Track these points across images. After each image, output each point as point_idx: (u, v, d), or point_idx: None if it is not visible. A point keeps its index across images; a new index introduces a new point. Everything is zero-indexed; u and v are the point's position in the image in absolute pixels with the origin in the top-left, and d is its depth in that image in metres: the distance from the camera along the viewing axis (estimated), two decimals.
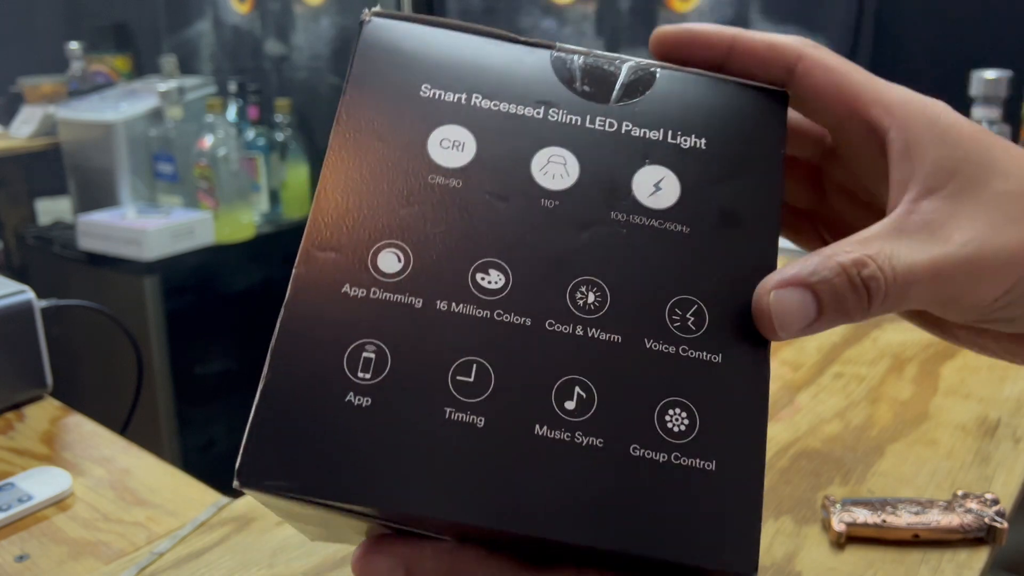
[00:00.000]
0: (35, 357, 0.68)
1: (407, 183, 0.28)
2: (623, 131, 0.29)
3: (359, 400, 0.26)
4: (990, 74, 1.08)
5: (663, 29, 0.30)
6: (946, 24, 1.27)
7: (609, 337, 0.27)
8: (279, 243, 2.03)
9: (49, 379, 0.69)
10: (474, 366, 0.26)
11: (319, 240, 0.27)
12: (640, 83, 0.30)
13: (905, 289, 0.25)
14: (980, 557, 0.48)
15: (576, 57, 0.30)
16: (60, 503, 0.55)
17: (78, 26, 2.55)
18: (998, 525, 0.48)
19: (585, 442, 0.26)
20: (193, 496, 0.56)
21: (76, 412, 0.68)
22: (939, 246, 0.25)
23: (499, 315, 0.27)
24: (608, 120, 0.29)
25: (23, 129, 2.20)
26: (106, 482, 0.58)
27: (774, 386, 0.69)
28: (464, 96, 0.29)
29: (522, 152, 0.28)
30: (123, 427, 0.76)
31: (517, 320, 0.27)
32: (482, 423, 0.25)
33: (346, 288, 0.27)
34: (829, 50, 0.29)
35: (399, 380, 0.26)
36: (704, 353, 0.27)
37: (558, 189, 0.28)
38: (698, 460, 0.26)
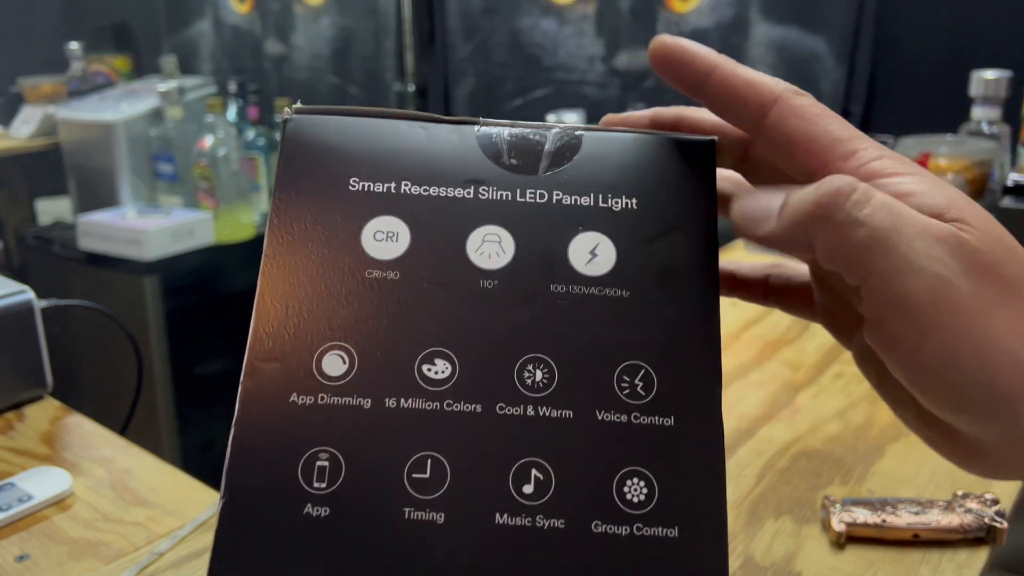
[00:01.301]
0: (35, 357, 0.68)
1: (345, 281, 0.28)
2: (554, 201, 0.29)
3: (317, 511, 0.25)
4: (990, 74, 1.08)
5: (662, 36, 0.29)
6: (946, 24, 1.27)
7: (560, 414, 0.27)
8: None
9: (49, 379, 0.69)
10: (429, 461, 0.26)
11: (261, 351, 0.27)
12: (566, 149, 0.29)
13: (877, 206, 0.24)
14: (980, 557, 0.48)
15: (501, 131, 0.30)
16: (60, 503, 0.55)
17: (78, 26, 2.55)
18: (998, 525, 0.48)
19: (547, 525, 0.25)
20: (193, 496, 0.56)
21: (76, 412, 0.68)
22: (922, 219, 0.24)
23: (448, 405, 0.26)
24: (539, 191, 0.29)
25: (23, 129, 2.20)
26: (106, 482, 0.58)
27: (774, 386, 0.69)
28: (393, 185, 0.29)
29: (456, 235, 0.28)
30: (123, 427, 0.76)
31: (467, 408, 0.27)
32: (442, 519, 0.25)
33: (293, 397, 0.27)
34: (812, 98, 0.27)
35: (355, 486, 0.26)
36: (656, 418, 0.27)
37: (495, 268, 0.28)
38: (660, 528, 0.26)
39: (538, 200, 0.29)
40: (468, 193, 0.29)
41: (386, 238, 0.28)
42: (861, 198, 0.24)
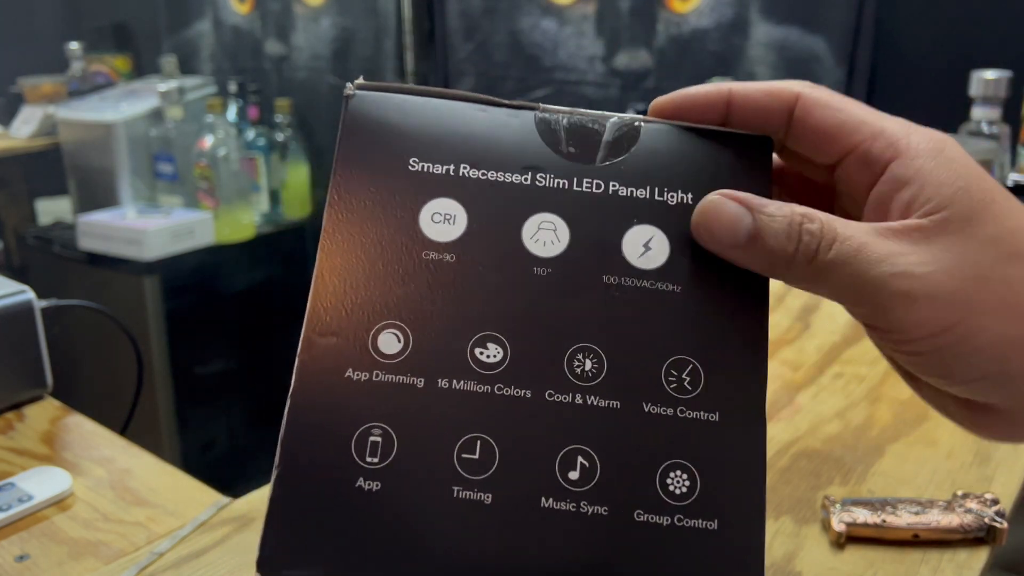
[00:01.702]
0: (35, 357, 0.68)
1: (402, 261, 0.28)
2: (610, 192, 0.29)
3: (369, 485, 0.26)
4: (990, 74, 1.08)
5: (660, 101, 0.30)
6: (946, 24, 1.27)
7: (608, 404, 0.27)
8: (279, 243, 2.03)
9: (49, 379, 0.69)
10: (478, 442, 0.27)
11: (319, 326, 0.28)
12: (624, 140, 0.30)
13: (832, 267, 0.25)
14: (980, 557, 0.48)
15: (560, 117, 0.30)
16: (60, 503, 0.55)
17: (78, 26, 2.55)
18: (998, 525, 0.48)
19: (591, 511, 0.26)
20: (193, 496, 0.56)
21: (76, 412, 0.68)
22: (895, 253, 0.25)
23: (499, 389, 0.27)
24: (595, 181, 0.29)
25: (23, 129, 2.20)
26: (106, 482, 0.58)
27: (774, 385, 0.69)
28: (452, 167, 0.29)
29: (512, 221, 0.29)
30: (123, 427, 0.76)
31: (517, 393, 0.27)
32: (489, 499, 0.26)
33: (349, 372, 0.27)
34: (827, 89, 0.29)
35: (406, 462, 0.26)
36: (702, 413, 0.27)
37: (550, 256, 0.28)
38: (700, 521, 0.26)
39: (594, 190, 0.29)
40: (526, 179, 0.29)
41: (443, 220, 0.28)
42: (823, 243, 0.26)
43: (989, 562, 0.48)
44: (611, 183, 0.29)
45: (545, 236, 0.29)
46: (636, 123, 0.30)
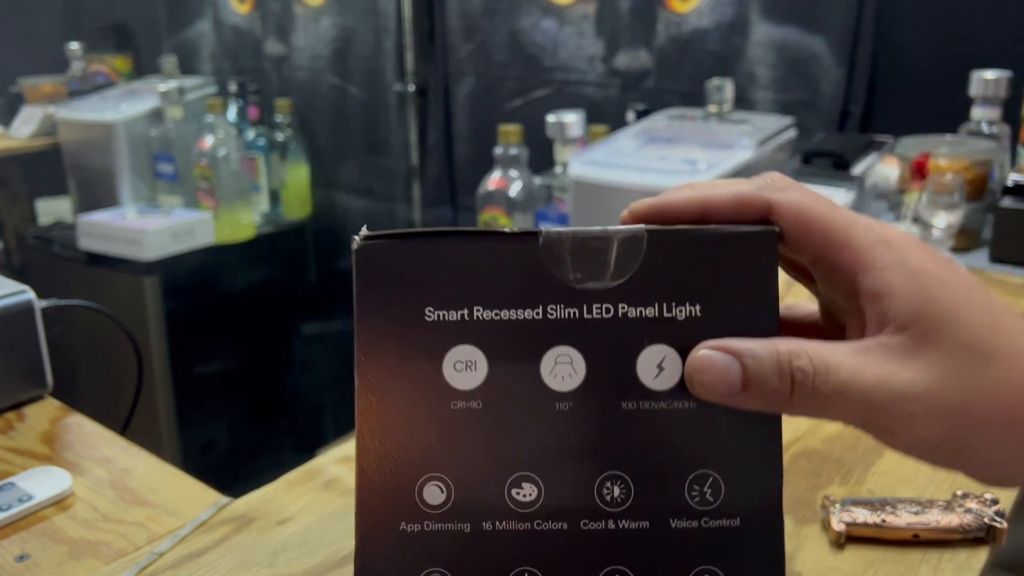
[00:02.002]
0: (35, 357, 0.68)
1: (433, 414, 0.30)
2: (620, 314, 0.30)
3: None
4: (990, 74, 1.08)
5: (636, 207, 0.31)
6: (946, 24, 1.27)
7: (638, 525, 0.30)
8: (279, 243, 2.03)
9: (49, 379, 0.69)
10: (525, 574, 0.30)
11: (369, 486, 0.30)
12: (628, 255, 0.30)
13: (833, 397, 0.27)
14: (980, 557, 0.48)
15: (564, 239, 0.30)
16: (60, 503, 0.55)
17: (78, 26, 2.55)
18: (998, 525, 0.48)
19: None
20: (193, 496, 0.57)
21: (76, 412, 0.68)
22: (887, 376, 0.26)
23: (538, 524, 0.30)
24: (604, 306, 0.30)
25: (23, 129, 2.20)
26: (106, 482, 0.58)
27: None
28: (466, 311, 0.30)
29: (530, 359, 0.30)
30: (123, 427, 0.76)
31: (555, 526, 0.30)
32: None
33: (402, 526, 0.30)
34: (798, 188, 0.29)
35: None
36: (724, 520, 0.30)
37: (569, 390, 0.30)
38: None
39: (604, 315, 0.30)
40: (537, 314, 0.30)
41: (465, 367, 0.30)
42: (817, 379, 0.27)
43: (989, 562, 0.48)
44: (620, 305, 0.30)
45: (562, 370, 0.30)
46: (640, 235, 0.30)
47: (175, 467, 0.61)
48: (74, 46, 2.28)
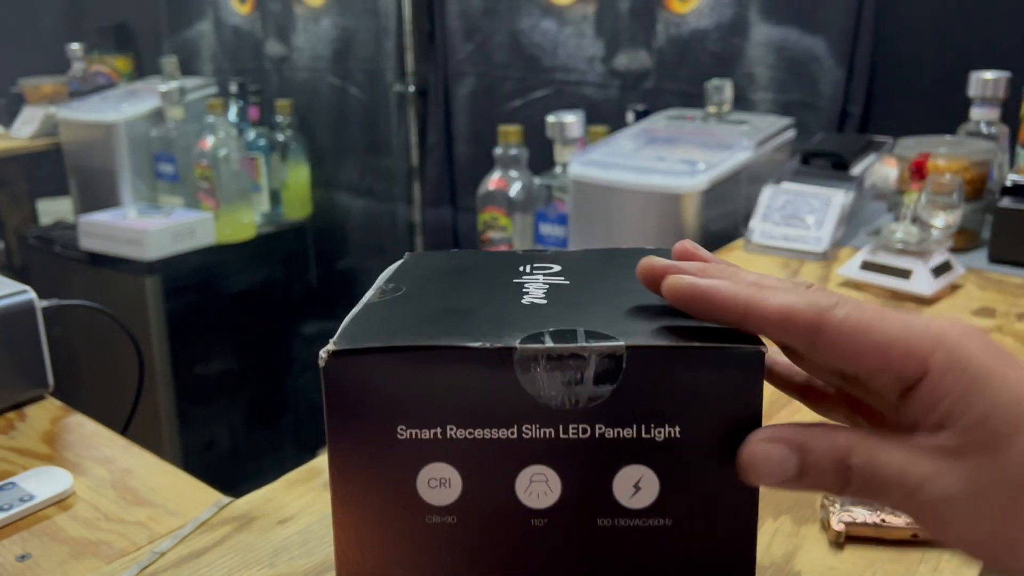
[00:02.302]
0: (36, 357, 0.68)
1: (409, 528, 0.30)
2: (596, 435, 0.29)
3: None
4: (989, 75, 1.08)
5: (675, 285, 0.29)
6: (946, 24, 1.27)
7: None
8: (280, 243, 2.03)
9: (50, 379, 0.69)
10: None
11: None
12: (606, 374, 0.28)
13: (881, 493, 0.27)
14: None
15: (539, 358, 0.28)
16: (61, 503, 0.55)
17: (79, 27, 2.55)
18: None
19: None
20: (194, 496, 0.57)
21: (77, 412, 0.68)
22: (932, 477, 0.26)
23: None
24: (581, 426, 0.29)
25: (24, 130, 2.20)
26: (107, 482, 0.58)
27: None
28: (439, 430, 0.29)
29: (505, 476, 0.29)
30: (124, 427, 0.76)
31: None
32: None
33: None
34: (846, 302, 0.28)
35: None
36: None
37: (544, 507, 0.29)
38: None
39: (581, 435, 0.29)
40: (512, 433, 0.29)
41: (439, 484, 0.30)
42: (867, 475, 0.27)
43: None
44: (597, 426, 0.29)
45: (538, 488, 0.29)
46: (619, 353, 0.28)
47: (176, 467, 0.61)
48: (75, 46, 2.28)
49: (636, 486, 0.29)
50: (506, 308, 0.32)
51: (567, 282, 0.35)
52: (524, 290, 0.34)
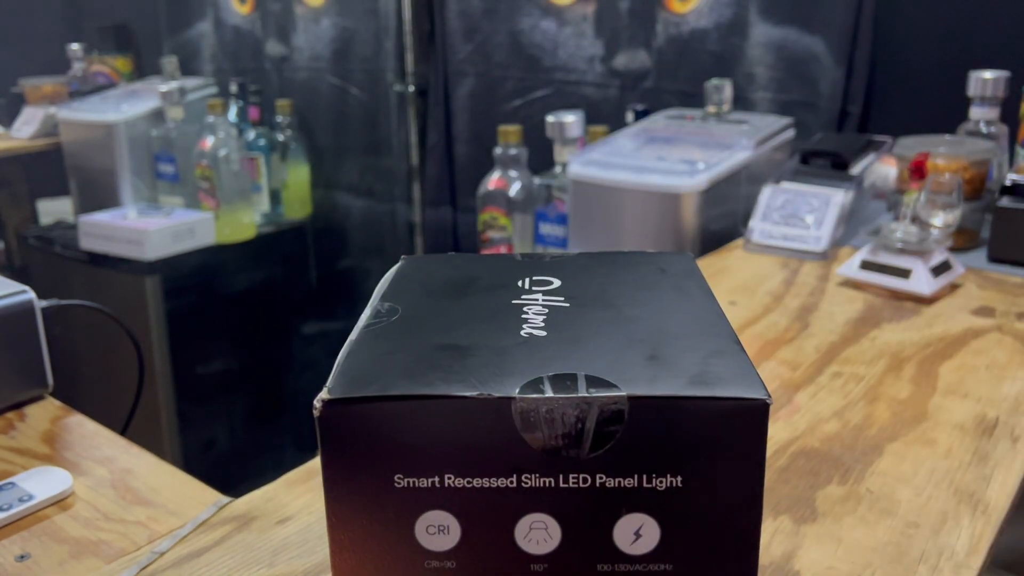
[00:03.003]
0: (36, 357, 0.68)
1: (407, 573, 0.30)
2: (597, 484, 0.29)
3: None
4: (988, 74, 1.08)
5: None
6: (945, 24, 1.27)
7: None
8: (280, 243, 2.03)
9: (50, 379, 0.69)
10: None
11: None
12: (608, 424, 0.28)
13: None
14: (979, 556, 0.48)
15: (539, 407, 0.28)
16: (61, 503, 0.55)
17: (79, 27, 2.55)
18: None
19: None
20: (194, 495, 0.57)
21: (77, 412, 0.68)
22: None
23: None
24: (581, 475, 0.29)
25: (24, 130, 2.20)
26: (107, 482, 0.58)
27: (773, 385, 0.69)
28: (437, 479, 0.29)
29: (504, 524, 0.29)
30: (124, 427, 0.76)
31: None
32: None
33: None
34: None
35: None
36: None
37: (544, 553, 0.29)
38: None
39: (581, 484, 0.29)
40: (511, 482, 0.29)
41: (438, 531, 0.29)
42: None
43: (988, 561, 0.48)
44: (597, 475, 0.29)
45: (537, 535, 0.29)
46: (619, 407, 0.28)
47: (176, 467, 0.61)
48: (75, 47, 2.28)
49: (637, 533, 0.29)
50: (505, 343, 0.32)
51: (566, 304, 0.35)
52: (523, 315, 0.34)
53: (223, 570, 0.48)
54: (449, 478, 0.29)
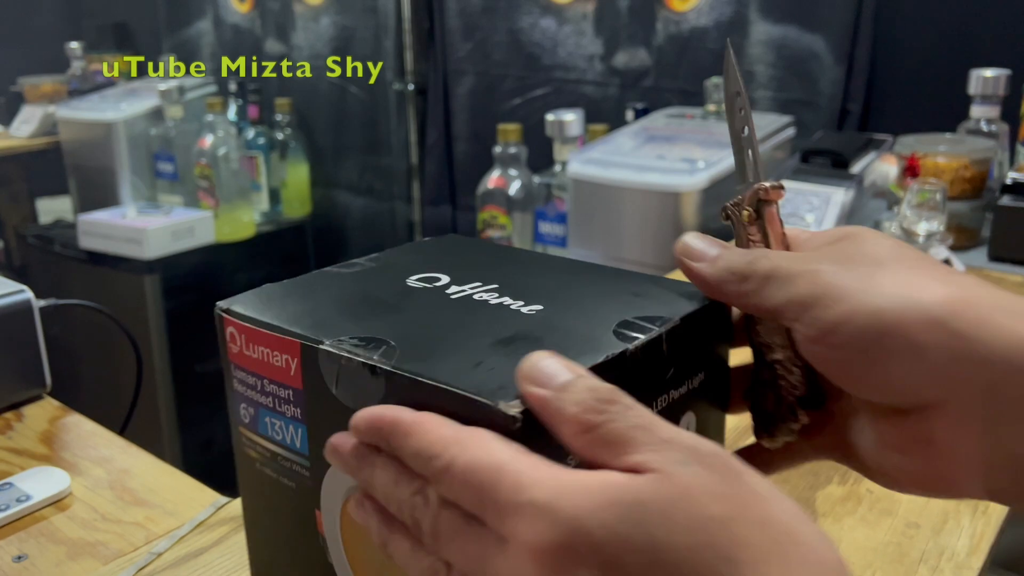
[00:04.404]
0: (34, 357, 0.68)
1: None
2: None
3: None
4: (989, 73, 1.08)
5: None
6: (945, 23, 1.27)
7: None
8: (279, 242, 2.03)
9: (48, 379, 0.69)
10: None
11: None
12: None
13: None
14: (980, 556, 0.48)
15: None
16: (58, 503, 0.55)
17: (78, 25, 2.55)
18: None
19: None
20: (192, 496, 0.57)
21: (75, 412, 0.68)
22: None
23: None
24: None
25: (24, 128, 2.20)
26: (105, 482, 0.58)
27: None
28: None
29: None
30: (122, 427, 0.76)
31: None
32: None
33: None
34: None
35: None
36: None
37: None
38: None
39: None
40: None
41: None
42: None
43: (988, 561, 0.48)
44: None
45: None
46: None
47: (174, 467, 0.61)
48: (74, 45, 2.28)
49: None
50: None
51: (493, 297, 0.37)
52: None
53: (221, 571, 0.48)
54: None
